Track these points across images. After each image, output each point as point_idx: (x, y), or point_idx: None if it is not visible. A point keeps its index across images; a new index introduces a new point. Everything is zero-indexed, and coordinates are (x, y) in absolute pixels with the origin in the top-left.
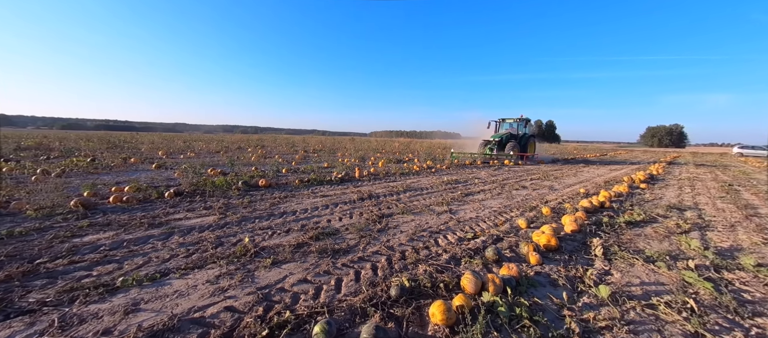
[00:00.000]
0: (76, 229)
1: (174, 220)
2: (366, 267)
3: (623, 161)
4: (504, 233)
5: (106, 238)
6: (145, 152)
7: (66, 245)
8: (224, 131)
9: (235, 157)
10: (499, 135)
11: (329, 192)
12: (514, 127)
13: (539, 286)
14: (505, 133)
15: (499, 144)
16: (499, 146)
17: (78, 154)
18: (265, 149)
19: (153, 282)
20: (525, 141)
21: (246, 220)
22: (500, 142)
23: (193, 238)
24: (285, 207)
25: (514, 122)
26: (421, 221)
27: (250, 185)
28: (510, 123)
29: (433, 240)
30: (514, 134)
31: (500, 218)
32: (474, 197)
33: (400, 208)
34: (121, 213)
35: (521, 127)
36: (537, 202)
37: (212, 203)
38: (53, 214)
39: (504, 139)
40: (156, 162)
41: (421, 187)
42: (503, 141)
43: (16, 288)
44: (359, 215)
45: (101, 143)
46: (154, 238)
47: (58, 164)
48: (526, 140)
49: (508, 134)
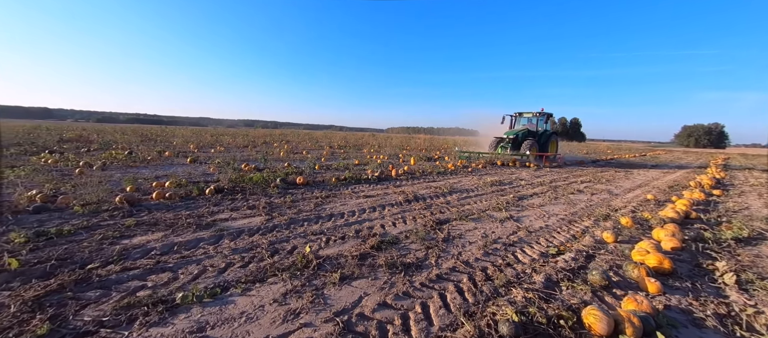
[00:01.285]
0: (123, 228)
1: (220, 220)
2: (449, 288)
3: (668, 163)
4: (591, 249)
5: (155, 240)
6: (176, 146)
7: (116, 248)
8: (245, 126)
9: (264, 152)
10: (514, 132)
11: (371, 192)
12: (533, 123)
13: (681, 326)
14: (521, 129)
15: (513, 142)
16: (513, 145)
17: (115, 147)
18: (289, 144)
19: (214, 299)
20: (545, 139)
21: (294, 222)
22: (515, 139)
23: (244, 243)
24: (331, 208)
25: (532, 116)
26: (486, 230)
27: (288, 182)
28: (528, 118)
29: (511, 255)
30: (533, 130)
31: (574, 228)
32: (529, 202)
33: (454, 213)
34: (166, 211)
35: (541, 123)
36: (605, 209)
37: (255, 202)
38: (99, 210)
39: (520, 136)
40: (190, 156)
41: (466, 188)
42: (519, 139)
43: (70, 300)
44: (413, 220)
45: (135, 136)
46: (205, 242)
47: (98, 156)
48: (547, 138)
49: (526, 130)
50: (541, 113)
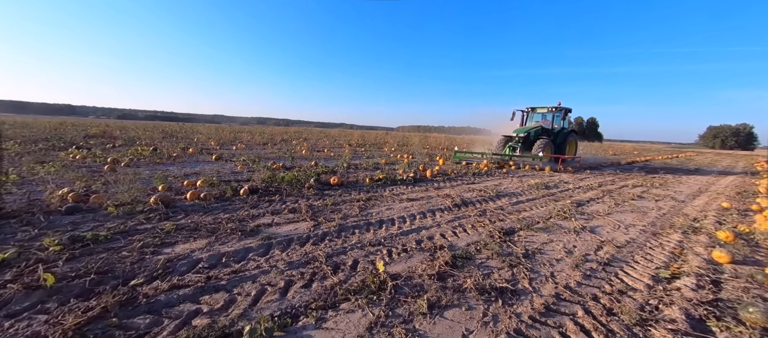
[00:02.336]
0: (163, 234)
1: (264, 226)
2: (568, 326)
3: (710, 167)
4: (710, 272)
5: (199, 249)
6: (197, 142)
7: (160, 259)
8: (258, 123)
9: (287, 150)
10: (525, 129)
11: (412, 195)
12: (548, 119)
13: None
14: (534, 126)
15: (524, 141)
16: (524, 144)
17: (139, 143)
18: (308, 142)
19: (287, 333)
20: (562, 139)
21: (344, 230)
22: (526, 138)
23: (298, 255)
24: (377, 213)
25: (548, 112)
26: (565, 243)
27: (322, 182)
28: (542, 114)
29: (615, 278)
30: (548, 128)
31: (665, 242)
32: (591, 209)
33: (515, 220)
34: (203, 213)
35: (558, 119)
36: (683, 219)
37: (294, 204)
38: (134, 211)
39: (532, 134)
40: (214, 154)
41: (513, 192)
42: (530, 137)
43: (115, 330)
44: (473, 228)
45: (156, 133)
46: (254, 252)
47: (124, 153)
48: (565, 137)
49: (539, 128)
50: (558, 107)
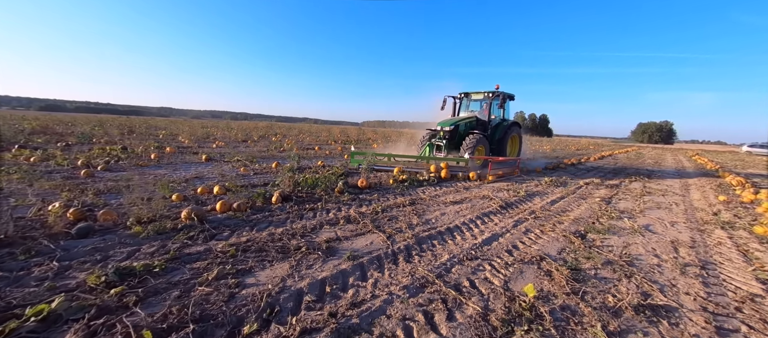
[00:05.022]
0: (227, 258)
1: (332, 240)
2: None
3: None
4: None
5: (288, 276)
6: (166, 140)
7: (253, 293)
8: (213, 117)
9: (273, 147)
10: (452, 121)
11: (450, 197)
12: (486, 108)
13: None
14: (466, 118)
15: (451, 137)
16: (451, 141)
17: (97, 141)
18: (287, 137)
19: None
20: (502, 133)
21: (422, 242)
22: (454, 132)
23: (402, 276)
24: (436, 220)
25: (484, 97)
26: (644, 245)
27: (350, 185)
28: (480, 101)
29: (725, 281)
30: (484, 120)
31: (721, 240)
32: (623, 206)
33: (568, 222)
34: (249, 228)
35: (495, 109)
36: (703, 214)
37: (339, 213)
38: (165, 230)
39: (462, 128)
40: (199, 153)
41: (540, 192)
42: (460, 132)
43: None
44: (541, 232)
45: (110, 128)
46: (352, 276)
47: (88, 153)
48: (505, 131)
49: (474, 119)
50: (496, 93)
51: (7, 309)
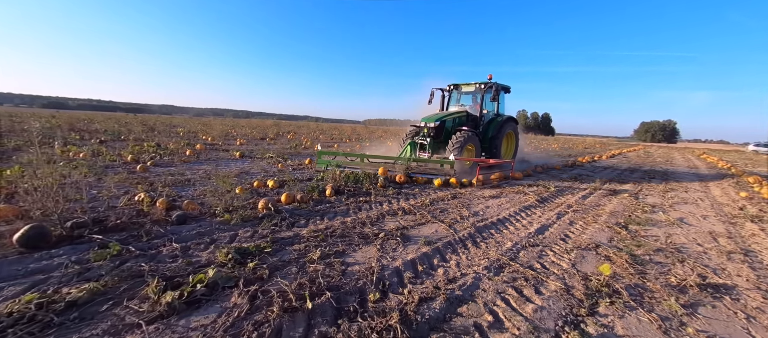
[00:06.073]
0: (319, 242)
1: (402, 228)
2: None
3: (676, 169)
4: None
5: (381, 257)
6: (186, 137)
7: (361, 269)
8: (214, 115)
9: (295, 145)
10: (438, 116)
11: (488, 192)
12: (478, 102)
13: None
14: (455, 113)
15: (437, 134)
16: (437, 138)
17: (124, 137)
18: (298, 135)
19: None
20: (495, 130)
21: (482, 231)
22: (440, 128)
23: (480, 258)
24: (483, 212)
25: (475, 89)
26: (686, 235)
27: (389, 180)
28: (471, 94)
29: None
30: (474, 116)
31: (753, 231)
32: (651, 202)
33: (605, 216)
34: (319, 218)
35: (488, 102)
36: (730, 208)
37: (390, 205)
38: (249, 218)
39: (450, 124)
40: (230, 150)
41: (568, 188)
42: (447, 128)
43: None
44: (584, 223)
45: (133, 126)
46: (433, 258)
47: (130, 150)
48: (499, 127)
49: (464, 114)
50: (489, 83)
51: (172, 277)
